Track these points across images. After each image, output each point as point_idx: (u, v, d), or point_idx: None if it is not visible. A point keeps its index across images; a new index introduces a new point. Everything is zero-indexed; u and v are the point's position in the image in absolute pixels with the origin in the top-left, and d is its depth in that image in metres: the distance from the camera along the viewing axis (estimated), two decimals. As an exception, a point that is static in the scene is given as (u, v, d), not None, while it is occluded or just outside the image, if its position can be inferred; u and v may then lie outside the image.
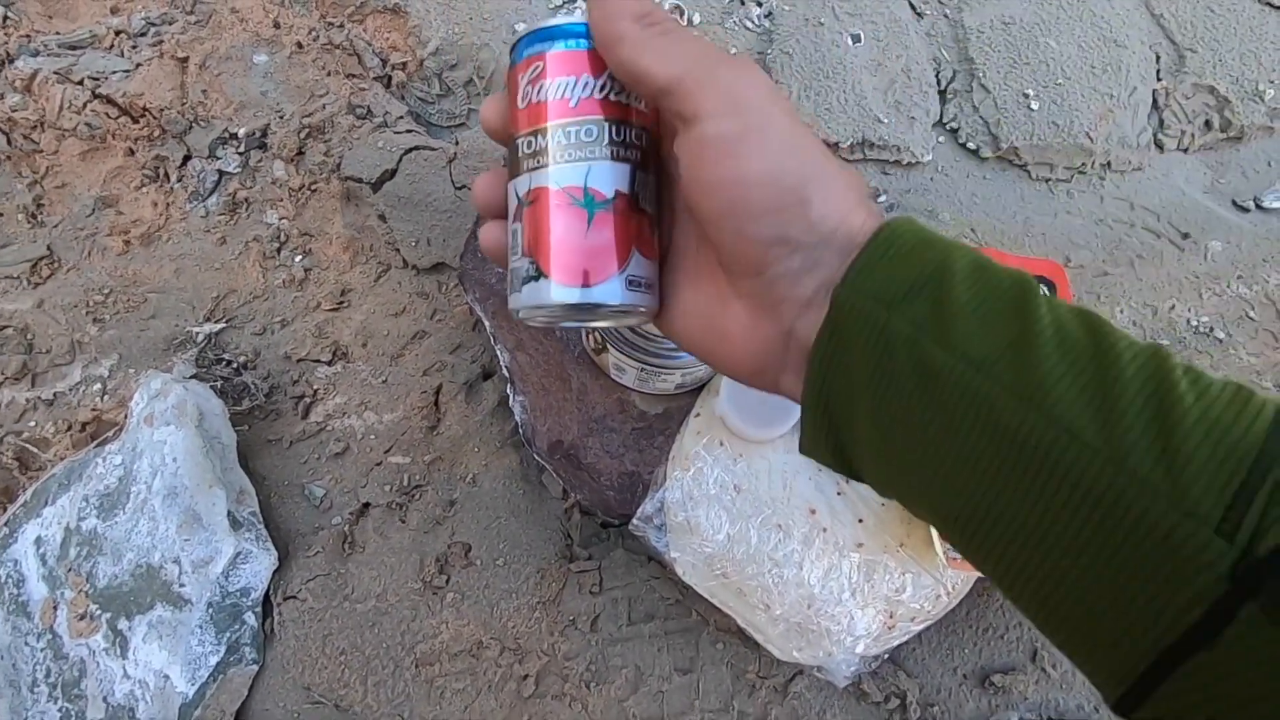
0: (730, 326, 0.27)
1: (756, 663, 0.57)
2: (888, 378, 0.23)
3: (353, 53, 0.79)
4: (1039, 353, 0.22)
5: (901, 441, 0.24)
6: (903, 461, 0.24)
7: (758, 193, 0.24)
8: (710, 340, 0.28)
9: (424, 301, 0.71)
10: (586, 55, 0.27)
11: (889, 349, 0.23)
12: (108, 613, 0.54)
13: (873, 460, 0.25)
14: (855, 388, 0.24)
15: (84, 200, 0.73)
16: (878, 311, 0.23)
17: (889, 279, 0.24)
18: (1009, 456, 0.21)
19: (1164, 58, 0.84)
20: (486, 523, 0.62)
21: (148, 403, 0.59)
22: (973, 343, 0.22)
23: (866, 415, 0.24)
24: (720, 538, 0.52)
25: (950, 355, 0.22)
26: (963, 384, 0.22)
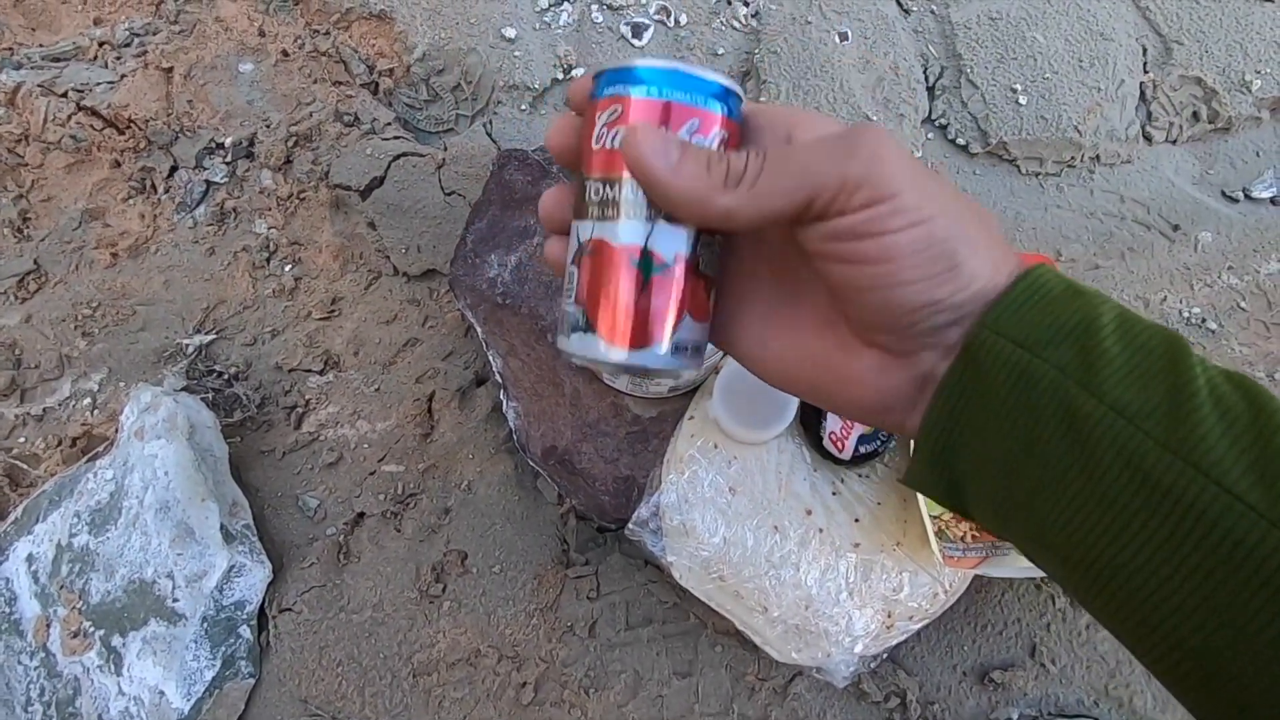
0: (856, 372, 0.26)
1: (755, 665, 0.57)
2: (1028, 420, 0.23)
3: (339, 60, 0.79)
4: (1196, 411, 0.21)
5: (1033, 483, 0.23)
6: (1032, 503, 0.24)
7: (908, 264, 0.24)
8: (827, 384, 0.27)
9: (415, 308, 0.70)
10: (669, 107, 0.25)
11: (1031, 391, 0.23)
12: (101, 629, 0.54)
13: (992, 498, 0.25)
14: (987, 426, 0.24)
15: (70, 213, 0.73)
16: (1019, 354, 0.23)
17: (1032, 323, 0.23)
18: (1160, 510, 0.21)
19: (1151, 50, 0.85)
20: (482, 530, 0.61)
21: (138, 416, 0.59)
22: (1124, 393, 0.22)
23: (995, 454, 0.24)
24: (716, 540, 0.52)
25: (1099, 403, 0.22)
26: (1112, 433, 0.22)
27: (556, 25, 0.81)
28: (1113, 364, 0.22)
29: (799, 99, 0.78)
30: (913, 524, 0.52)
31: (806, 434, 0.54)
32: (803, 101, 0.78)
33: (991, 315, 0.24)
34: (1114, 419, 0.22)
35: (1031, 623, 0.59)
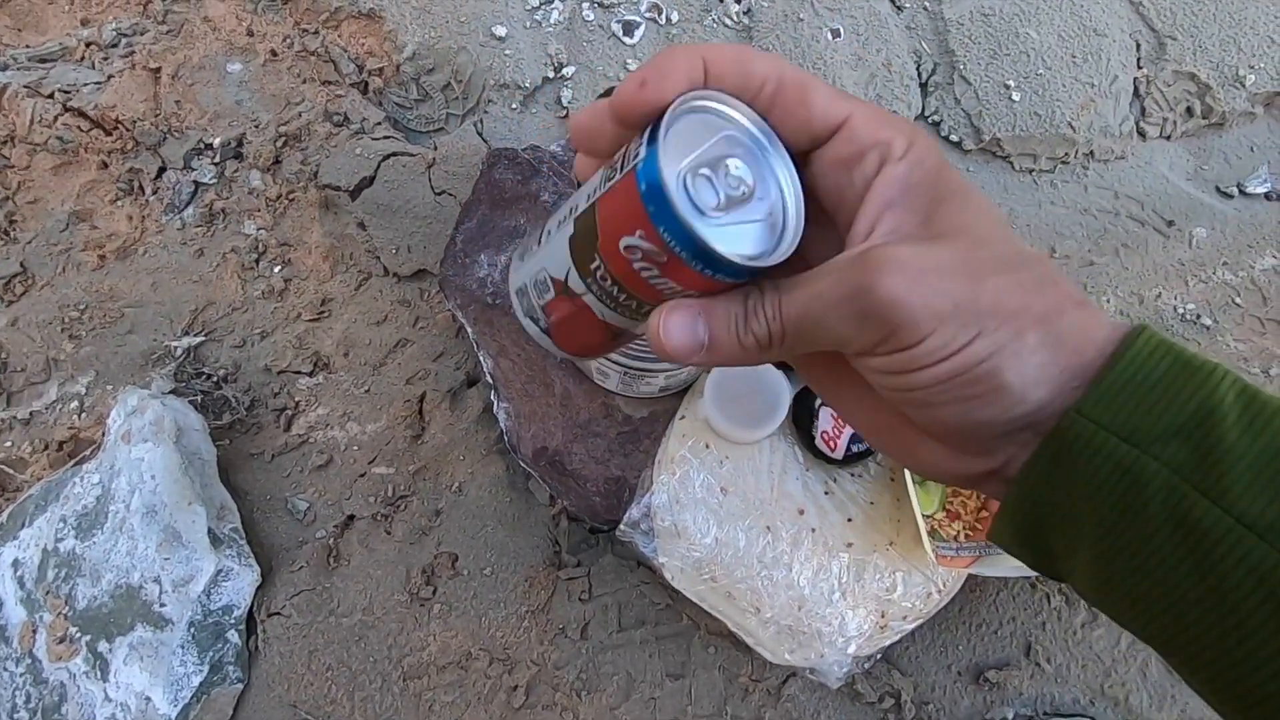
0: (924, 451, 0.25)
1: (749, 666, 0.56)
2: (1134, 526, 0.21)
3: (328, 59, 0.78)
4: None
5: (1143, 586, 0.21)
6: (1141, 601, 0.22)
7: (942, 394, 0.22)
8: (898, 451, 0.26)
9: (406, 309, 0.70)
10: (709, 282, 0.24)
11: (1139, 494, 0.20)
12: (87, 635, 0.53)
13: (1088, 578, 0.23)
14: (1081, 516, 0.22)
15: (57, 215, 0.72)
16: (1127, 453, 0.20)
17: (1139, 412, 0.21)
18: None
19: (1144, 45, 0.84)
20: (473, 532, 0.61)
21: (125, 420, 0.58)
22: (1252, 501, 0.19)
23: (1090, 543, 0.22)
24: (708, 541, 0.51)
25: (1223, 513, 0.20)
26: (1240, 550, 0.19)
27: (547, 23, 0.80)
28: (1237, 464, 0.20)
29: (791, 96, 0.78)
30: (906, 523, 0.52)
31: (798, 433, 0.54)
32: (795, 99, 0.78)
33: (1088, 401, 0.21)
34: (1242, 534, 0.19)
35: (1026, 622, 0.59)
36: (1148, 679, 0.58)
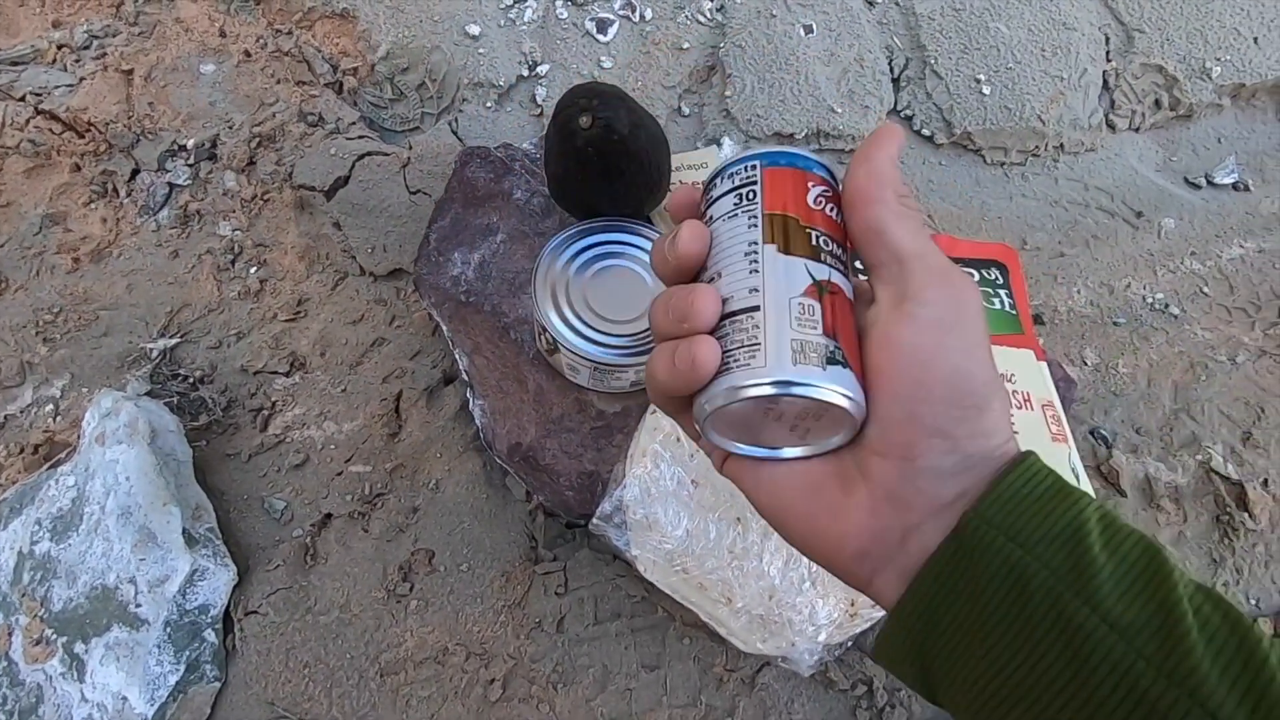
0: (845, 506, 0.26)
1: (723, 656, 0.57)
2: (1019, 618, 0.23)
3: (302, 59, 0.78)
4: (1186, 635, 0.22)
5: (1020, 682, 0.23)
6: (1013, 698, 0.24)
7: (946, 383, 0.24)
8: (816, 513, 0.27)
9: (382, 308, 0.70)
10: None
11: (1024, 592, 0.23)
12: (64, 636, 0.53)
13: (966, 686, 0.25)
14: (971, 617, 0.24)
15: (30, 218, 0.72)
16: (1014, 551, 0.23)
17: (1026, 519, 0.24)
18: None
19: (1113, 39, 0.85)
20: (450, 528, 0.61)
21: (99, 422, 0.59)
22: (1114, 605, 0.22)
23: (976, 646, 0.24)
24: (679, 533, 0.52)
25: (1094, 614, 0.22)
26: (1106, 647, 0.22)
27: (521, 22, 0.81)
28: (1102, 573, 0.23)
29: (764, 92, 0.78)
30: (874, 513, 0.52)
31: (768, 425, 0.54)
32: (768, 95, 0.78)
33: (987, 502, 0.24)
34: (1107, 633, 0.22)
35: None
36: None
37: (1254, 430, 0.69)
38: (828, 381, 0.24)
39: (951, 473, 0.25)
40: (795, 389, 0.24)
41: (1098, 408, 0.70)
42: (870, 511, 0.26)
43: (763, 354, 0.25)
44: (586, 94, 0.51)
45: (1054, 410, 0.56)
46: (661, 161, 0.57)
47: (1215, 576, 0.62)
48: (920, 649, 0.25)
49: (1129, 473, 0.66)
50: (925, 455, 0.25)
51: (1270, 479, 0.66)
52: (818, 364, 0.25)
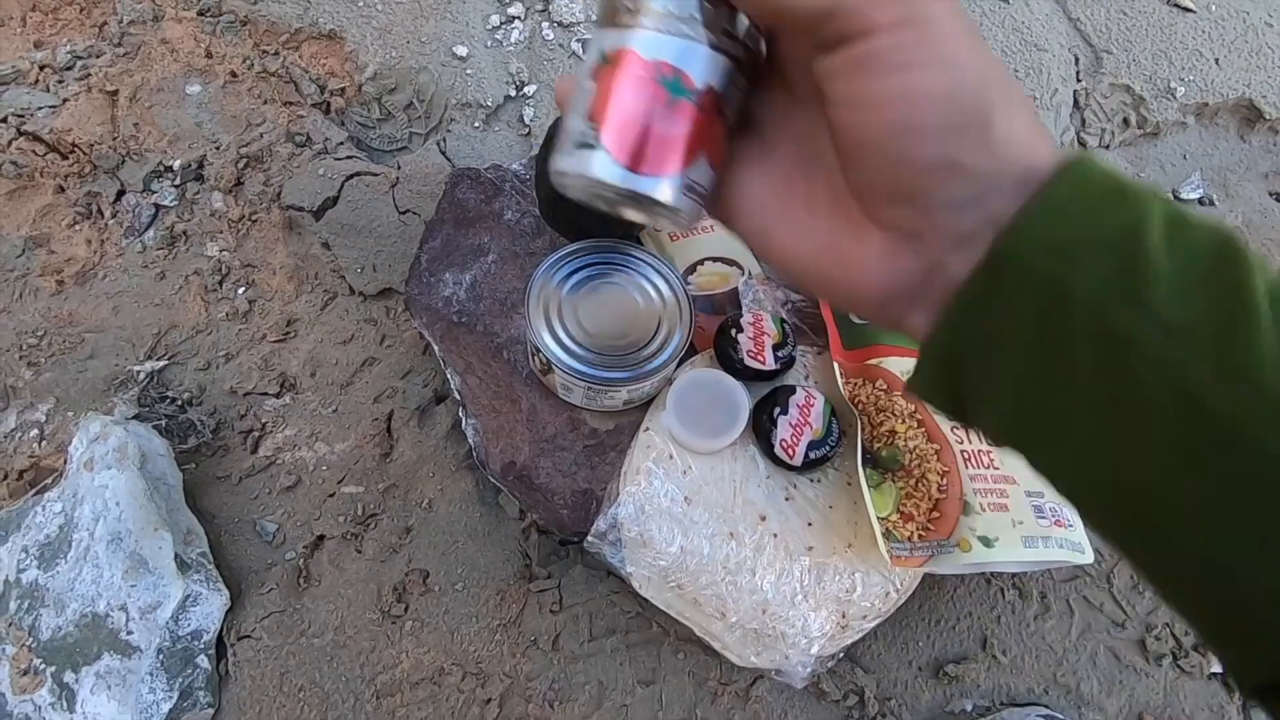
0: (860, 255, 0.24)
1: (717, 670, 0.58)
2: (1058, 341, 0.21)
3: (289, 80, 0.78)
4: (1251, 326, 0.19)
5: (1055, 403, 0.21)
6: (1049, 422, 0.22)
7: (932, 109, 0.21)
8: (828, 268, 0.25)
9: (372, 328, 0.70)
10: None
11: (1065, 310, 0.20)
12: (53, 666, 0.53)
13: (1003, 414, 0.23)
14: (1005, 341, 0.22)
15: (13, 241, 0.71)
16: (1056, 266, 0.20)
17: (1074, 230, 0.21)
18: (1207, 437, 0.19)
19: (1082, 60, 0.88)
20: (444, 548, 0.61)
21: (87, 447, 0.58)
22: (1169, 307, 0.19)
23: (1011, 370, 0.22)
24: (674, 550, 0.53)
25: (1143, 318, 0.20)
26: (1154, 352, 0.19)
27: (508, 43, 0.82)
28: (1159, 274, 0.20)
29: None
30: (863, 525, 0.54)
31: (758, 441, 0.55)
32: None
33: (1026, 217, 0.21)
34: (1156, 336, 0.19)
35: (982, 616, 0.61)
36: (1097, 666, 0.60)
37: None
38: (567, 165, 0.24)
39: (970, 200, 0.22)
40: (558, 175, 0.25)
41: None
42: (885, 255, 0.24)
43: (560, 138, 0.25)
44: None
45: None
46: (651, 184, 0.58)
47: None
48: (952, 381, 0.24)
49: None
50: (932, 191, 0.22)
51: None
52: (566, 151, 0.24)
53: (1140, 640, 0.61)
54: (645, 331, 0.54)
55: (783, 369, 0.57)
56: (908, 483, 0.53)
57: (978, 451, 0.55)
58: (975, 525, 0.51)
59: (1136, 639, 0.62)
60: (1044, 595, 0.63)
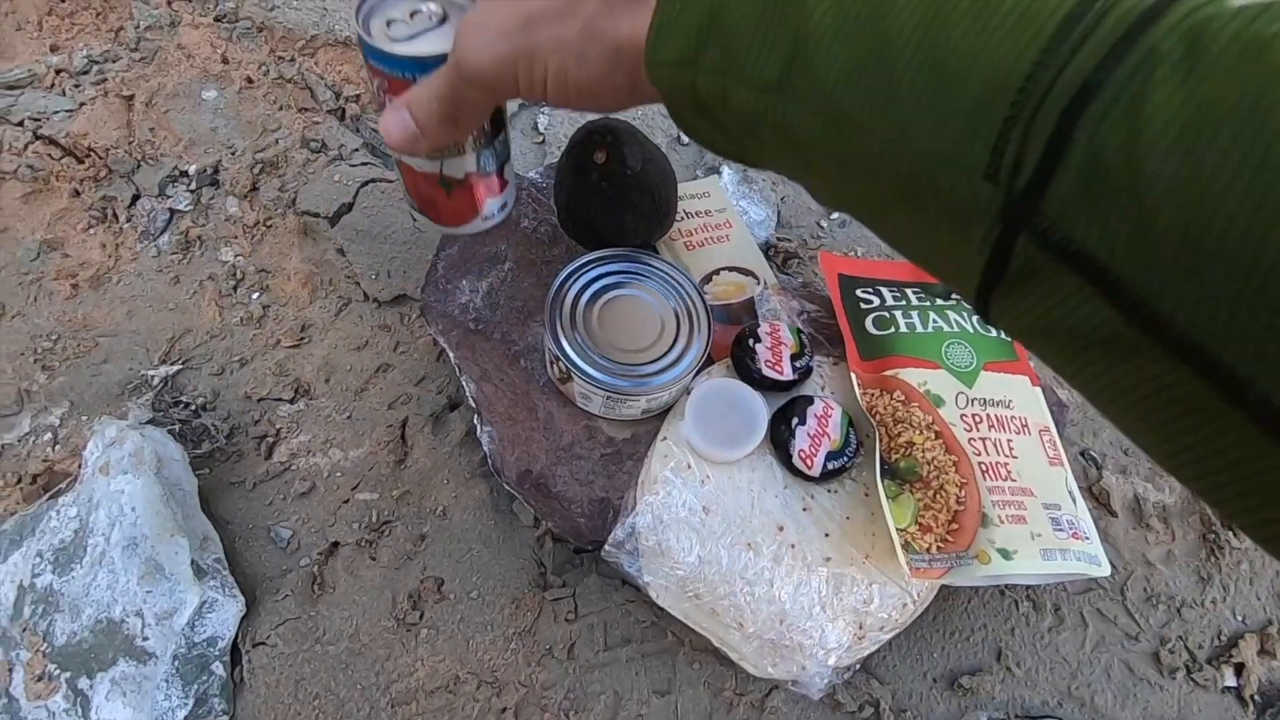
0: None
1: (733, 680, 0.58)
2: (719, 131, 0.27)
3: (305, 86, 0.79)
4: (816, 58, 0.23)
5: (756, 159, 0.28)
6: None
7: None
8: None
9: (386, 334, 0.71)
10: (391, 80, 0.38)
11: (707, 109, 0.27)
12: (67, 672, 0.52)
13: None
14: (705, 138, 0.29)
15: (27, 244, 0.71)
16: (683, 74, 0.26)
17: (679, 37, 0.26)
18: (819, 159, 0.24)
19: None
20: (458, 555, 0.61)
21: (103, 451, 0.58)
22: (759, 69, 0.24)
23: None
24: (691, 560, 0.53)
25: (750, 90, 0.25)
26: (767, 111, 0.25)
27: (523, 51, 0.82)
28: (739, 28, 0.24)
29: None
30: (880, 536, 0.54)
31: (776, 451, 0.55)
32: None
33: (649, 46, 0.27)
34: (765, 97, 0.24)
35: (996, 628, 0.61)
36: (1111, 679, 0.60)
37: (1235, 451, 0.72)
38: (421, 224, 0.49)
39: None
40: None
41: (1087, 429, 0.72)
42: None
43: None
44: (601, 130, 0.52)
45: (1050, 435, 0.58)
46: (670, 195, 0.58)
47: (1204, 594, 0.64)
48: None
49: (1119, 493, 0.68)
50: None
51: (1252, 498, 0.68)
52: (414, 211, 0.49)
53: (1154, 653, 0.62)
54: (665, 341, 0.54)
55: (800, 379, 0.57)
56: (926, 494, 0.53)
57: (995, 463, 0.55)
58: (994, 537, 0.51)
59: (1150, 652, 0.62)
60: (1058, 607, 0.63)
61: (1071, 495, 0.56)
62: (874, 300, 0.62)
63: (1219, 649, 0.63)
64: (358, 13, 0.38)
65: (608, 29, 0.27)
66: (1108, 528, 0.66)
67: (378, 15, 0.38)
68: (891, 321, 0.60)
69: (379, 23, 0.38)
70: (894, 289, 0.63)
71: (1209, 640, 0.63)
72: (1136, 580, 0.64)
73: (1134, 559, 0.65)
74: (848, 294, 0.62)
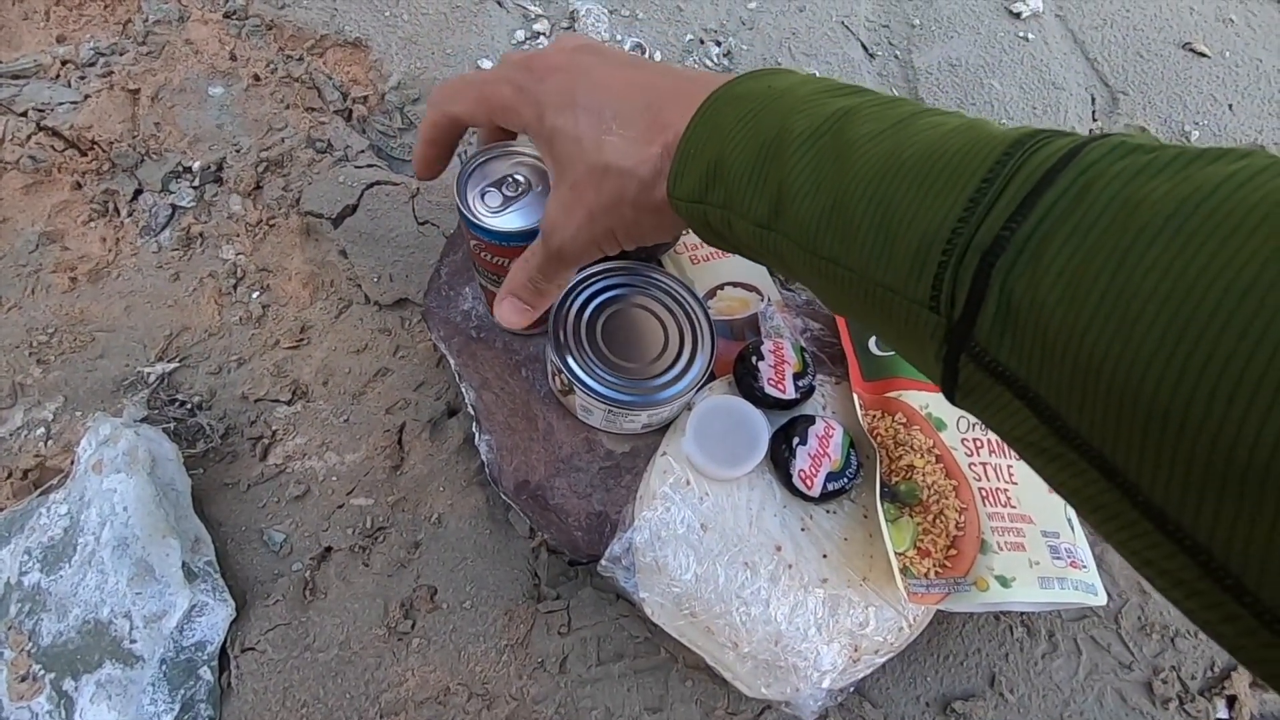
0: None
1: (725, 699, 0.57)
2: (734, 248, 0.34)
3: (312, 86, 0.78)
4: (794, 205, 0.28)
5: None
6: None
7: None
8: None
9: (386, 338, 0.70)
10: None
11: (720, 235, 0.33)
12: (52, 673, 0.52)
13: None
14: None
15: (26, 235, 0.71)
16: (696, 209, 0.33)
17: (691, 180, 0.32)
18: (808, 279, 0.30)
19: (1099, 100, 0.89)
20: (452, 564, 0.61)
21: (96, 449, 0.57)
22: (753, 209, 0.30)
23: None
24: (688, 577, 0.52)
25: (748, 223, 0.30)
26: (764, 241, 0.30)
27: (532, 58, 0.82)
28: (738, 174, 0.30)
29: (769, 137, 0.80)
30: (878, 559, 0.53)
31: (776, 471, 0.55)
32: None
33: (670, 183, 0.33)
34: (758, 231, 0.30)
35: (991, 653, 0.61)
36: (1104, 708, 0.60)
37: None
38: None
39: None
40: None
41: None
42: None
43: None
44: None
45: (1050, 461, 0.58)
46: (677, 208, 0.58)
47: (1197, 624, 0.64)
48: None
49: (1115, 520, 0.68)
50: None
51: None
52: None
53: (1147, 683, 0.61)
54: (668, 356, 0.54)
55: (802, 398, 0.57)
56: (925, 518, 0.53)
57: (995, 489, 0.55)
58: (993, 564, 0.51)
59: (1144, 681, 0.62)
60: (1052, 634, 0.62)
61: (1070, 523, 0.56)
62: (878, 321, 0.62)
63: (1212, 680, 0.63)
64: (457, 182, 0.47)
65: (647, 199, 0.35)
66: (1104, 554, 0.66)
67: (473, 185, 0.47)
68: (895, 343, 0.60)
69: (474, 193, 0.47)
70: (898, 310, 0.63)
71: (1202, 671, 0.63)
72: (1131, 608, 0.64)
73: (1129, 587, 0.65)
74: (851, 313, 0.62)
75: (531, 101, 0.37)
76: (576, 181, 0.36)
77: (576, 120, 0.35)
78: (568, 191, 0.37)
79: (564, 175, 0.36)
